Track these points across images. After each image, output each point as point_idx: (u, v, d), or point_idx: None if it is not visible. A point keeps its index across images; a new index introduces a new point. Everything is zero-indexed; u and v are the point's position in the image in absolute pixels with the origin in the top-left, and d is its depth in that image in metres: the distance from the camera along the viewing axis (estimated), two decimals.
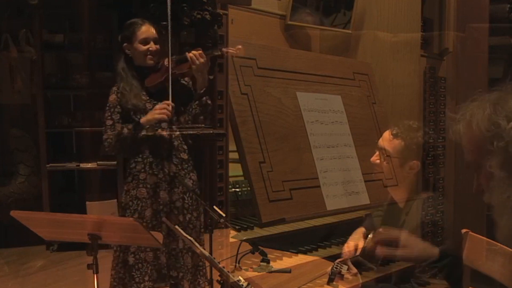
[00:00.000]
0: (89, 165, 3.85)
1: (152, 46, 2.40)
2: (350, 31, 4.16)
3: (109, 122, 2.39)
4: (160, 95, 2.40)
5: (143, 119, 2.37)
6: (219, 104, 3.35)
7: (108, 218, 1.70)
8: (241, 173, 2.89)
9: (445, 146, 4.17)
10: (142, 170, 2.39)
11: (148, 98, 2.41)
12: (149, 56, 2.40)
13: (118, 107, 2.39)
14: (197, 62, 2.36)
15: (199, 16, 3.06)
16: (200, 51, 2.39)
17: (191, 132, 2.51)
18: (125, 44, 2.43)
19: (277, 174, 2.88)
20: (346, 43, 4.21)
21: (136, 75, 2.42)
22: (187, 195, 2.42)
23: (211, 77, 2.58)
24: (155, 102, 2.40)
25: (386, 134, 2.41)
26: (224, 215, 2.23)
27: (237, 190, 3.03)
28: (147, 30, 2.41)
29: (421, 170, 3.26)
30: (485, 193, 1.31)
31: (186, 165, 2.46)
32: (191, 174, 2.46)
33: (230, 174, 3.00)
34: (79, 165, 3.86)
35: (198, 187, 2.50)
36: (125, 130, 2.36)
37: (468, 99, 1.26)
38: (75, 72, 4.03)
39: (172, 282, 2.43)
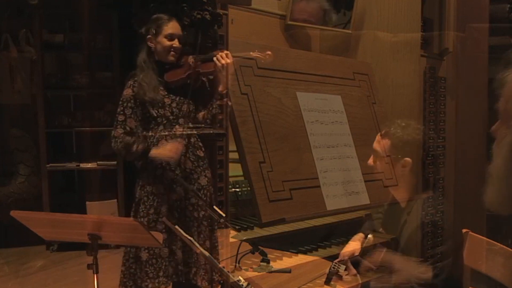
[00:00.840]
0: (89, 165, 3.85)
1: (176, 43, 2.42)
2: (350, 31, 4.16)
3: (121, 118, 2.37)
4: (179, 91, 2.42)
5: (153, 152, 2.35)
6: (219, 104, 3.34)
7: (108, 218, 1.71)
8: (241, 173, 2.89)
9: (445, 146, 4.17)
10: (159, 166, 2.39)
11: (166, 93, 2.42)
12: (172, 53, 2.42)
13: (132, 101, 2.38)
14: (223, 61, 2.37)
15: (199, 16, 3.06)
16: (227, 52, 2.40)
17: (191, 132, 2.51)
18: (149, 37, 2.43)
19: (277, 174, 2.88)
20: (346, 43, 4.21)
21: (156, 69, 2.43)
22: (201, 192, 2.43)
23: (211, 77, 2.57)
24: (173, 97, 2.41)
25: (378, 136, 2.47)
26: (224, 215, 2.23)
27: (237, 190, 3.03)
28: (173, 26, 2.43)
29: (421, 170, 3.27)
30: (496, 141, 1.37)
31: (202, 162, 2.47)
32: (206, 171, 2.47)
33: (230, 174, 3.00)
34: (79, 165, 3.86)
35: (211, 185, 2.51)
36: (134, 147, 2.35)
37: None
38: (75, 72, 4.03)
39: (186, 278, 2.42)
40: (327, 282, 2.24)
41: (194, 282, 2.40)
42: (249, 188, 2.83)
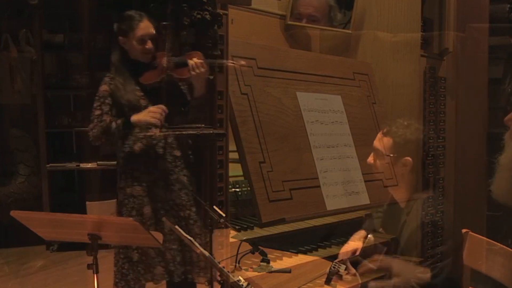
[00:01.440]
0: (89, 165, 3.85)
1: (149, 45, 2.33)
2: (350, 31, 4.16)
3: (97, 112, 2.32)
4: (155, 94, 2.35)
5: (134, 117, 2.29)
6: (219, 104, 3.34)
7: (108, 218, 1.71)
8: (241, 173, 2.88)
9: (445, 146, 4.17)
10: (136, 168, 2.37)
11: (142, 94, 2.36)
12: (145, 55, 2.34)
13: (109, 98, 2.32)
14: (197, 70, 2.31)
15: (199, 16, 3.06)
16: (201, 60, 2.33)
17: (191, 132, 2.51)
18: (120, 38, 2.37)
19: (277, 174, 2.88)
20: (346, 43, 4.21)
21: (131, 69, 2.36)
22: (183, 192, 2.41)
23: (211, 77, 2.56)
24: (149, 99, 2.35)
25: (378, 135, 2.46)
26: (224, 215, 2.23)
27: (237, 190, 3.03)
28: (144, 27, 2.33)
29: (421, 170, 3.27)
30: (510, 130, 1.37)
31: (179, 162, 2.43)
32: (184, 171, 2.43)
33: (230, 174, 3.00)
34: (79, 165, 3.86)
35: (192, 183, 2.47)
36: (113, 125, 2.29)
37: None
38: (75, 72, 4.04)
39: (181, 277, 2.42)
40: (327, 282, 2.24)
41: (190, 279, 2.39)
42: (249, 188, 2.83)
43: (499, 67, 4.03)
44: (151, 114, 2.27)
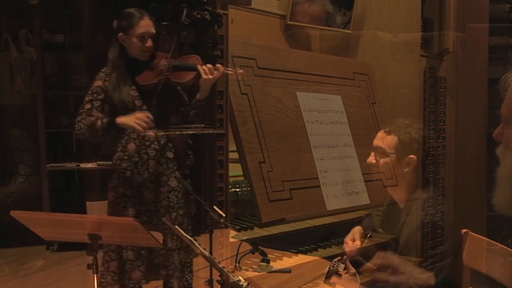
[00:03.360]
0: (89, 165, 3.85)
1: (148, 43, 2.31)
2: (350, 31, 4.16)
3: (87, 106, 2.29)
4: (150, 95, 2.32)
5: (119, 119, 2.26)
6: (219, 104, 3.34)
7: (108, 218, 1.71)
8: (241, 173, 2.89)
9: (445, 146, 4.17)
10: (128, 168, 2.36)
11: (137, 94, 2.33)
12: (144, 53, 2.33)
13: (102, 94, 2.30)
14: (210, 76, 2.30)
15: (199, 16, 3.06)
16: (211, 66, 2.32)
17: (191, 132, 2.50)
18: (120, 34, 2.34)
19: (277, 174, 2.88)
20: (346, 43, 4.21)
21: (128, 66, 2.34)
22: (172, 193, 2.39)
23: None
24: (144, 100, 2.33)
25: (380, 134, 2.43)
26: (224, 215, 2.22)
27: (237, 190, 3.03)
28: (145, 24, 2.31)
29: (421, 170, 3.26)
30: (500, 146, 1.37)
31: (172, 164, 2.40)
32: (176, 172, 2.41)
33: (230, 174, 3.00)
34: (79, 165, 3.85)
35: (183, 186, 2.44)
36: (99, 123, 2.27)
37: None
38: (75, 72, 4.03)
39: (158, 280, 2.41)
40: (326, 281, 2.24)
41: (170, 284, 2.38)
42: (249, 188, 2.83)
43: (499, 67, 4.03)
44: (137, 120, 2.25)
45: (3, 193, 3.77)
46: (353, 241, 2.36)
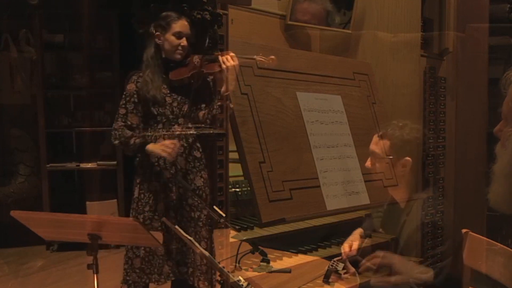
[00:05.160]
0: (89, 165, 3.85)
1: (184, 42, 2.42)
2: (350, 31, 4.16)
3: (122, 111, 2.40)
4: (182, 91, 2.43)
5: (149, 147, 2.37)
6: (219, 104, 3.34)
7: (108, 218, 1.71)
8: (241, 173, 2.89)
9: (445, 146, 4.17)
10: (156, 164, 2.39)
11: (168, 91, 2.43)
12: (179, 51, 2.42)
13: (135, 96, 2.40)
14: (228, 64, 2.37)
15: (199, 16, 3.06)
16: (233, 54, 2.40)
17: (191, 132, 2.51)
18: (157, 33, 2.43)
19: (277, 174, 2.88)
20: (346, 43, 4.21)
21: (162, 66, 2.44)
22: (197, 193, 2.44)
23: (211, 77, 2.58)
24: (175, 96, 2.42)
25: (374, 138, 2.45)
26: (224, 215, 2.23)
27: (237, 190, 3.03)
28: (182, 24, 2.44)
29: (421, 170, 3.27)
30: (499, 143, 1.38)
31: (198, 163, 2.48)
32: (202, 172, 2.48)
33: (230, 174, 3.00)
34: (79, 165, 3.86)
35: (208, 186, 2.51)
36: (131, 141, 2.37)
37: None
38: (75, 72, 4.04)
39: (182, 278, 2.43)
40: (326, 280, 2.24)
41: (190, 282, 2.40)
42: (249, 188, 2.83)
43: (499, 67, 4.03)
44: (164, 147, 2.35)
45: (3, 193, 3.78)
46: (351, 245, 2.37)
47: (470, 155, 4.07)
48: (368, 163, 2.47)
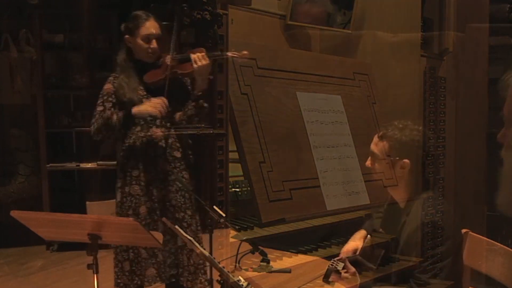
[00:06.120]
0: (89, 165, 3.85)
1: (153, 44, 2.34)
2: (350, 31, 4.16)
3: (99, 108, 2.33)
4: (158, 92, 2.35)
5: (135, 109, 2.30)
6: (219, 104, 3.34)
7: (108, 218, 1.70)
8: (241, 173, 2.88)
9: (445, 146, 4.17)
10: (135, 167, 2.37)
11: (145, 93, 2.36)
12: (149, 54, 2.36)
13: (113, 96, 2.34)
14: (199, 63, 2.32)
15: (199, 16, 3.06)
16: (203, 53, 2.34)
17: (191, 132, 2.50)
18: (126, 36, 2.37)
19: (277, 174, 2.88)
20: (346, 43, 4.21)
21: (135, 68, 2.38)
22: (179, 193, 2.40)
23: (211, 77, 2.56)
24: (152, 98, 2.35)
25: (374, 138, 2.46)
26: (224, 215, 2.22)
27: (237, 190, 3.03)
28: (150, 26, 2.34)
29: (421, 170, 3.26)
30: (504, 147, 1.38)
31: (179, 164, 2.41)
32: (183, 172, 2.42)
33: (230, 174, 3.00)
34: (79, 165, 3.86)
35: (191, 186, 2.46)
36: (114, 117, 2.30)
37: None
38: (75, 72, 4.04)
39: (173, 280, 2.42)
40: (325, 279, 2.24)
41: (181, 282, 2.39)
42: (249, 188, 2.83)
43: (499, 67, 4.03)
44: (152, 104, 2.28)
45: (3, 193, 3.78)
46: (354, 249, 2.38)
47: (470, 155, 4.07)
48: (368, 163, 2.48)
